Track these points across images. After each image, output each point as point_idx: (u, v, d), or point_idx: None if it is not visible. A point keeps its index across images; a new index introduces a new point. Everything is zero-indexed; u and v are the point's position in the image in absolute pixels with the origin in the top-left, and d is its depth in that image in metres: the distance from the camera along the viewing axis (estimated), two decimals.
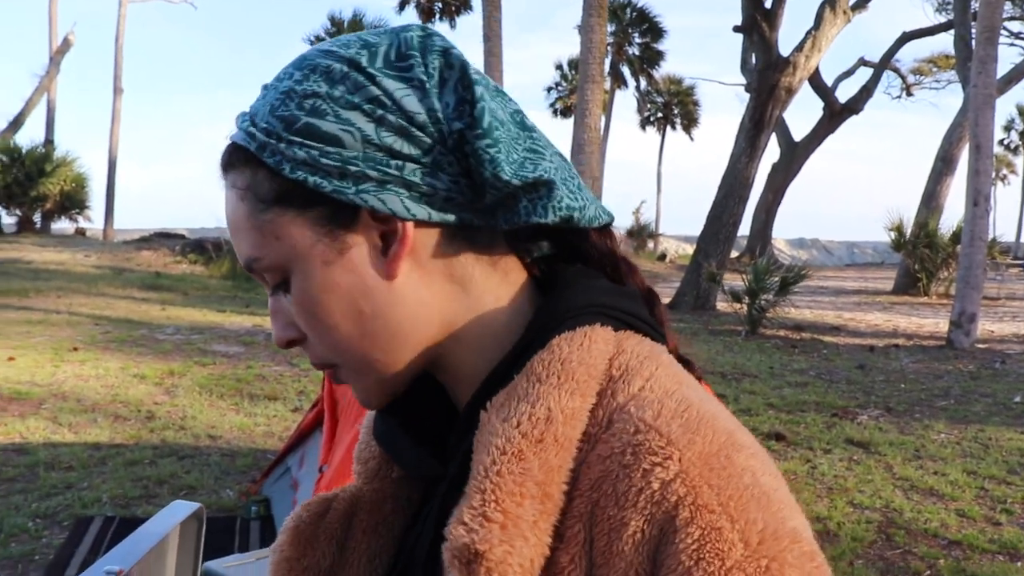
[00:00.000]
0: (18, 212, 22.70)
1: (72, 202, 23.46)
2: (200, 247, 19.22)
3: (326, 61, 0.62)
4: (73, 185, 23.26)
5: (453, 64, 0.62)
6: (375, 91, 0.60)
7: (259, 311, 13.07)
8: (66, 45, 26.39)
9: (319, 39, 30.64)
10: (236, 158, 0.64)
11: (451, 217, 0.62)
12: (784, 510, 0.53)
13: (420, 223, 0.61)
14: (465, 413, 0.63)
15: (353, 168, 0.60)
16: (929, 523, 4.63)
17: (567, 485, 0.55)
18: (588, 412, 0.57)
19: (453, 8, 32.12)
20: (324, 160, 0.60)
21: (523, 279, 0.66)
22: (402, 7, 32.67)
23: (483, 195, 0.62)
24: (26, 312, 11.22)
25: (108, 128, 28.58)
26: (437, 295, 0.63)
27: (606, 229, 0.68)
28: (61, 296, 12.95)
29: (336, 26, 30.66)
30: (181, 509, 1.27)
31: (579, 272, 0.65)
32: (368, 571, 0.70)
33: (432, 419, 0.70)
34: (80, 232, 24.30)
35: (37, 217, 23.11)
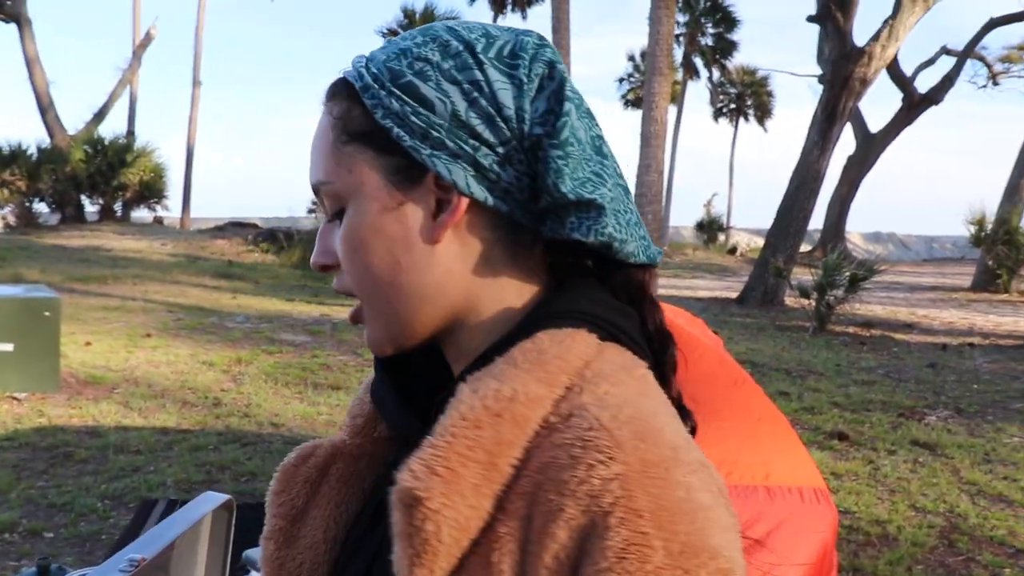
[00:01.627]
0: (100, 201, 23.49)
1: (151, 191, 24.18)
2: (272, 236, 19.63)
3: (446, 36, 0.68)
4: (152, 175, 23.96)
5: (555, 76, 0.67)
6: (478, 75, 0.66)
7: (327, 300, 13.30)
8: (148, 39, 27.16)
9: (392, 32, 30.93)
10: (339, 90, 0.70)
11: (504, 207, 0.67)
12: (709, 528, 0.56)
13: (475, 202, 0.66)
14: (450, 387, 0.68)
15: (435, 133, 0.66)
16: (996, 530, 4.49)
17: (518, 461, 0.59)
18: (553, 402, 0.61)
19: None
20: (413, 118, 0.66)
21: (544, 281, 0.71)
22: None
23: (538, 199, 0.67)
24: (104, 298, 11.63)
25: (187, 119, 29.40)
26: (468, 271, 0.68)
27: (647, 267, 0.72)
28: (137, 283, 13.38)
29: (408, 18, 30.90)
30: (210, 500, 1.31)
31: (585, 284, 0.70)
32: (335, 515, 0.76)
33: (430, 391, 0.75)
34: (158, 221, 25.05)
35: (118, 206, 23.89)
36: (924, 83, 26.13)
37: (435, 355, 0.75)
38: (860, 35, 15.20)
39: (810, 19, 16.10)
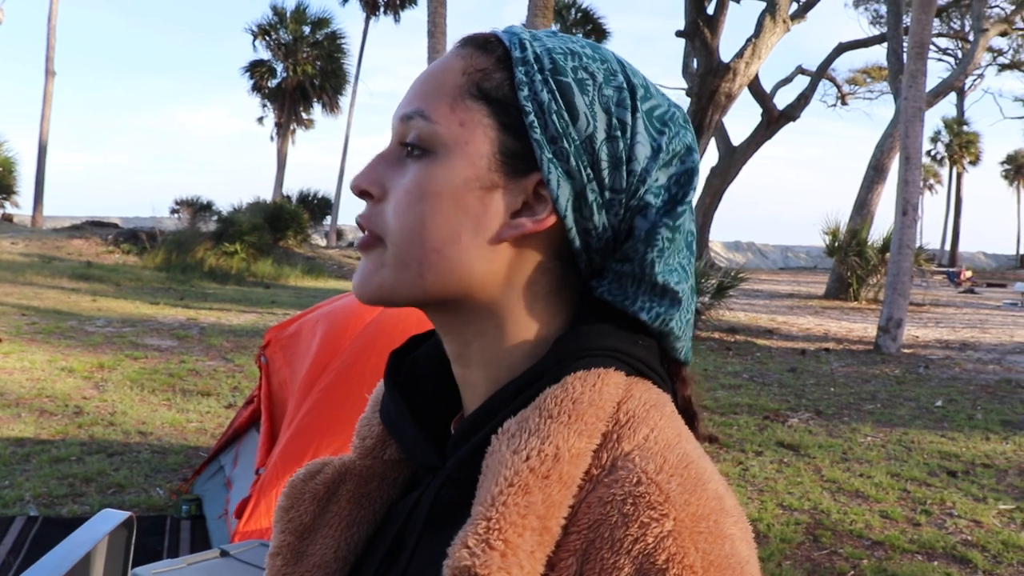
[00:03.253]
0: None
1: None
2: (134, 237, 18.79)
3: (615, 67, 0.66)
4: (0, 169, 22.52)
5: (686, 162, 0.67)
6: (628, 119, 0.65)
7: (193, 304, 12.83)
8: None
9: (262, 28, 30.16)
10: (492, 46, 0.67)
11: (578, 244, 0.65)
12: None
13: (558, 226, 0.65)
14: (470, 419, 0.66)
15: (564, 144, 0.63)
16: (854, 524, 4.76)
17: (565, 520, 0.58)
18: (592, 452, 0.60)
19: (397, 2, 31.89)
20: (554, 117, 0.63)
21: (570, 315, 0.69)
22: None
23: (621, 263, 0.66)
24: None
25: (39, 111, 27.75)
26: (510, 283, 0.66)
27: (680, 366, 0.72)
28: None
29: (279, 16, 30.23)
30: (110, 518, 1.25)
31: (605, 318, 0.68)
32: (345, 536, 0.74)
33: (437, 409, 0.74)
34: (7, 218, 23.56)
35: None
36: (782, 100, 27.47)
37: (443, 368, 0.74)
38: (725, 53, 15.88)
39: (679, 34, 16.70)
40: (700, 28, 15.75)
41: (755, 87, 23.56)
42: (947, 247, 47.97)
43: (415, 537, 0.67)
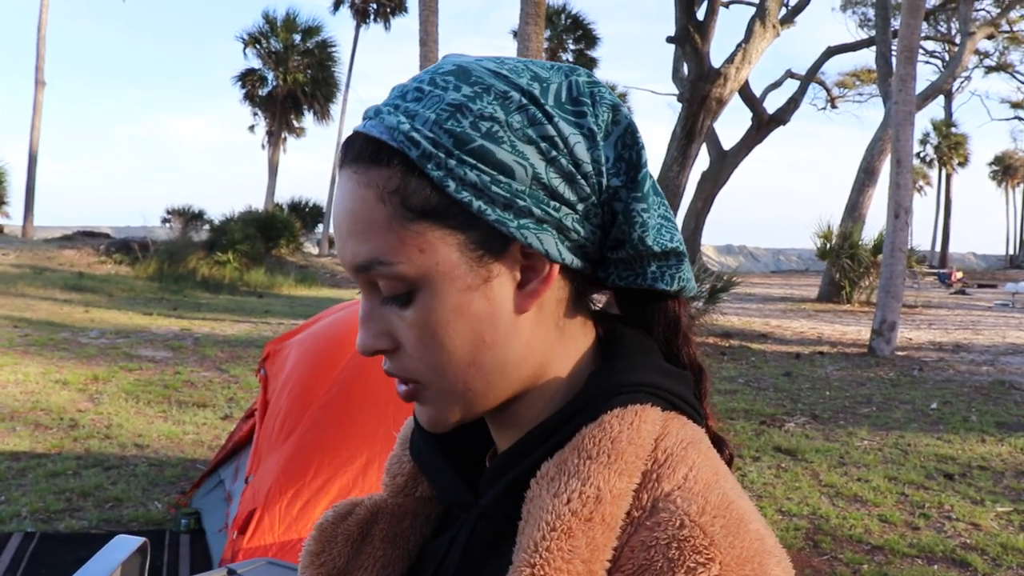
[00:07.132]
0: None
1: None
2: (126, 247, 18.73)
3: (501, 85, 0.60)
4: None
5: (619, 121, 0.63)
6: (551, 131, 0.60)
7: (187, 314, 12.79)
8: None
9: (253, 37, 30.12)
10: (382, 155, 0.60)
11: (579, 264, 0.63)
12: None
13: (562, 267, 0.63)
14: (504, 457, 0.65)
15: (520, 202, 0.60)
16: (854, 529, 4.77)
17: (609, 563, 0.57)
18: (633, 493, 0.59)
19: (388, 9, 31.89)
20: (494, 188, 0.59)
21: (594, 336, 0.68)
22: (336, 7, 32.37)
23: (616, 250, 0.64)
24: None
25: (29, 121, 27.64)
26: (544, 337, 0.64)
27: (678, 299, 0.70)
28: None
29: (269, 24, 30.20)
30: (124, 545, 1.24)
31: (637, 344, 0.67)
32: None
33: (467, 444, 0.73)
34: None
35: None
36: (772, 104, 27.60)
37: None
38: (715, 58, 15.93)
39: (670, 40, 16.73)
40: (690, 34, 15.79)
41: (745, 92, 23.60)
42: (937, 248, 48.17)
43: (452, 570, 0.67)
